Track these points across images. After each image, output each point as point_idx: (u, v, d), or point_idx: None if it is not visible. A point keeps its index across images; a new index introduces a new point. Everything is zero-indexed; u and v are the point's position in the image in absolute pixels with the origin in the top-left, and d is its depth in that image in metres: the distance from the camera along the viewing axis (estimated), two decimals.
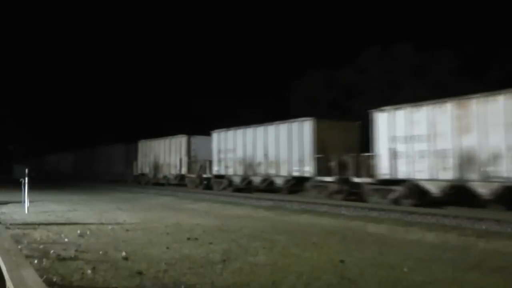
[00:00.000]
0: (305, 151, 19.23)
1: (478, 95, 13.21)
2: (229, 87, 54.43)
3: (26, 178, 14.51)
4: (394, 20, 50.66)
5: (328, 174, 18.23)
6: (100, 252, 7.47)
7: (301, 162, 19.43)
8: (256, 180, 21.97)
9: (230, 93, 51.82)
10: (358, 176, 17.06)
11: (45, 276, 5.72)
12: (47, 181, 38.06)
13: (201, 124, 39.80)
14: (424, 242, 8.87)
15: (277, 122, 21.11)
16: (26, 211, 13.78)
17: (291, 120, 20.57)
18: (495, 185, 12.52)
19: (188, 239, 8.85)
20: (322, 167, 18.59)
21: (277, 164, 20.69)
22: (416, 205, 14.50)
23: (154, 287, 5.50)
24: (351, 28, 55.60)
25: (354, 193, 17.48)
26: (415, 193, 14.79)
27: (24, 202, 14.27)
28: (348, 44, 53.36)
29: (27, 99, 78.56)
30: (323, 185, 18.42)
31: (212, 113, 50.49)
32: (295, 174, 19.75)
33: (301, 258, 7.12)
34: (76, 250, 7.62)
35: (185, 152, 28.62)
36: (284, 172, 20.32)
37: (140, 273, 6.10)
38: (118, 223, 11.28)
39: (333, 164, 18.14)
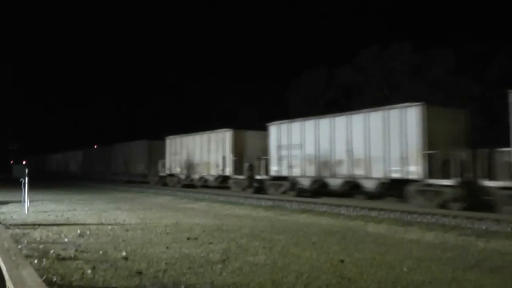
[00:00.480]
0: (410, 146, 15.26)
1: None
2: (227, 86, 54.41)
3: (26, 178, 14.50)
4: (393, 19, 50.75)
5: (443, 175, 14.45)
6: (100, 252, 7.47)
7: (403, 160, 15.46)
8: (335, 183, 17.98)
9: (228, 92, 51.83)
10: (490, 178, 13.32)
11: (44, 276, 5.72)
12: (47, 181, 38.01)
13: (201, 123, 39.82)
14: (424, 241, 8.87)
15: (365, 110, 17.32)
16: (26, 211, 13.77)
17: (388, 106, 16.61)
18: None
19: (188, 238, 8.85)
20: (434, 167, 14.78)
21: (367, 162, 16.66)
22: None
23: (153, 286, 5.50)
24: (350, 28, 55.63)
25: (479, 202, 13.66)
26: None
27: (24, 201, 14.27)
28: (347, 44, 53.43)
29: (27, 96, 78.54)
30: (434, 190, 14.48)
31: (210, 112, 50.55)
32: (394, 175, 15.70)
33: (301, 258, 7.12)
34: (76, 250, 7.61)
35: (230, 149, 23.94)
36: (377, 173, 16.25)
37: (139, 272, 6.10)
38: (117, 223, 11.28)
39: (452, 162, 14.26)
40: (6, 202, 17.24)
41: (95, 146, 48.26)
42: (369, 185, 16.67)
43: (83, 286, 5.50)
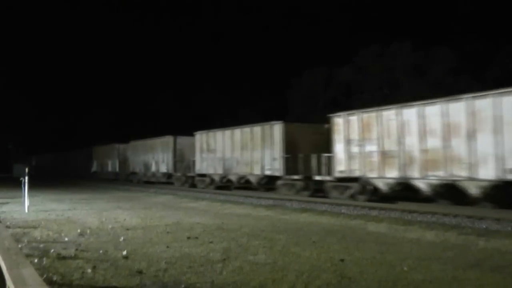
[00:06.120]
0: None
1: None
2: (227, 85, 54.43)
3: (26, 177, 14.51)
4: (393, 18, 50.73)
5: None
6: (100, 251, 7.47)
7: None
8: (427, 185, 14.29)
9: (228, 92, 51.84)
10: None
11: (45, 275, 5.73)
12: (48, 181, 38.01)
13: (200, 122, 39.83)
14: (424, 241, 8.87)
15: (494, 92, 12.69)
16: (26, 210, 13.78)
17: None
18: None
19: (188, 238, 8.85)
20: None
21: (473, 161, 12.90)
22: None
23: (154, 286, 5.50)
24: (350, 27, 55.61)
25: None
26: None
27: (24, 201, 14.27)
28: (347, 43, 53.40)
29: (28, 94, 78.63)
30: None
31: (210, 111, 50.56)
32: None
33: (301, 257, 7.12)
34: (76, 249, 7.62)
35: (281, 144, 20.08)
36: (487, 173, 12.60)
37: (140, 272, 6.10)
38: (118, 222, 11.28)
39: None
40: (7, 202, 17.25)
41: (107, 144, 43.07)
42: (475, 189, 12.92)
43: (84, 285, 5.51)
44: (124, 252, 7.29)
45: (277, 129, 20.45)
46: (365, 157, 16.32)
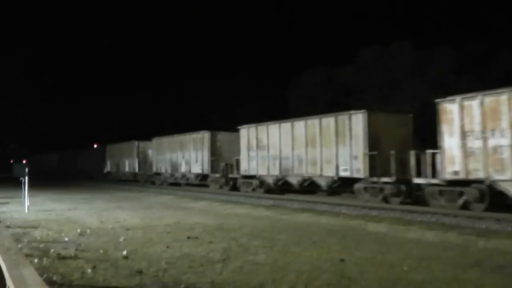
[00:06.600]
0: None
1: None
2: (226, 85, 54.42)
3: (26, 177, 14.51)
4: (394, 18, 50.69)
5: None
6: (100, 251, 7.47)
7: None
8: None
9: (228, 92, 51.82)
10: None
11: (45, 275, 5.72)
12: (49, 181, 38.03)
13: (200, 123, 39.81)
14: (424, 241, 8.86)
15: None
16: (26, 210, 13.78)
17: None
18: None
19: (188, 238, 8.85)
20: None
21: None
22: None
23: (154, 286, 5.50)
24: (350, 27, 55.58)
25: None
26: None
27: (24, 201, 14.28)
28: (348, 43, 53.35)
29: (30, 93, 78.60)
30: None
31: (210, 111, 50.56)
32: None
33: (301, 257, 7.12)
34: (76, 249, 7.62)
35: (363, 138, 16.43)
36: None
37: (140, 272, 6.10)
38: (118, 222, 11.28)
39: None
40: (7, 201, 17.26)
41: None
42: None
43: (84, 285, 5.51)
44: (124, 252, 7.29)
45: (358, 119, 16.61)
46: (491, 153, 12.74)
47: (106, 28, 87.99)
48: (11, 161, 51.66)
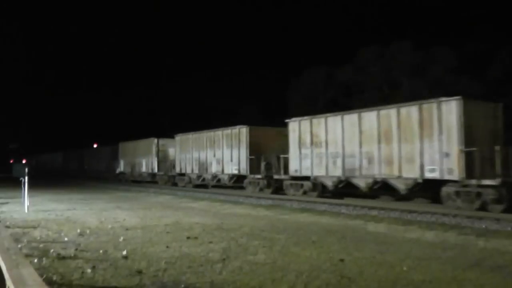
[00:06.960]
0: None
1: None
2: (227, 84, 54.46)
3: (26, 177, 14.51)
4: (393, 18, 50.71)
5: None
6: (100, 251, 7.47)
7: None
8: None
9: (228, 92, 51.87)
10: None
11: (44, 275, 5.72)
12: (49, 181, 38.02)
13: (200, 123, 39.79)
14: (424, 240, 8.87)
15: None
16: (26, 210, 13.78)
17: None
18: None
19: (188, 238, 8.85)
20: None
21: None
22: None
23: (153, 286, 5.50)
24: (350, 27, 55.60)
25: None
26: None
27: (24, 201, 14.27)
28: (348, 42, 53.39)
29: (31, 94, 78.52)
30: None
31: (210, 111, 50.57)
32: None
33: (301, 257, 7.12)
34: (76, 249, 7.62)
35: (458, 134, 13.56)
36: None
37: (139, 272, 6.10)
38: (117, 222, 11.28)
39: None
40: (6, 201, 17.25)
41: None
42: None
43: (83, 285, 5.51)
44: (124, 252, 7.29)
45: (451, 108, 13.87)
46: None
47: (107, 28, 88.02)
48: (11, 161, 51.62)
